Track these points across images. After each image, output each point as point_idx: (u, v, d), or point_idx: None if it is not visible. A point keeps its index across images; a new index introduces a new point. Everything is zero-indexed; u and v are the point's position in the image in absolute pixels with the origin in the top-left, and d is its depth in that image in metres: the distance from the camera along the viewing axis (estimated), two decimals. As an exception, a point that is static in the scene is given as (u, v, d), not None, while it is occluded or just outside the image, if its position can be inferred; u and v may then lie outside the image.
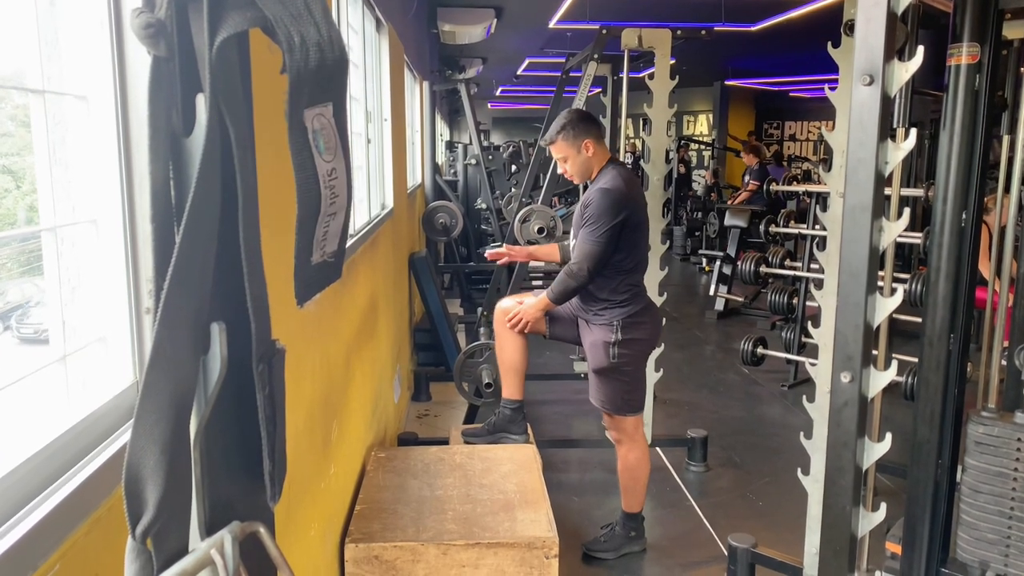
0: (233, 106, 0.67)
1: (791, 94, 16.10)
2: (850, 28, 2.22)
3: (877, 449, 1.76)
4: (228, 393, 0.76)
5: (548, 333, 3.22)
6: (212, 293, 0.71)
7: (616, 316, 2.92)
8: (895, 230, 1.66)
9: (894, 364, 1.81)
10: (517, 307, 3.13)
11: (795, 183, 5.94)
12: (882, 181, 1.64)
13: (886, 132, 1.62)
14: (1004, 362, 2.60)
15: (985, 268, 3.07)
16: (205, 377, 0.74)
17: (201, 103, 0.67)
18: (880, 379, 1.71)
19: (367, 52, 3.97)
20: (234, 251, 0.72)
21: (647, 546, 3.15)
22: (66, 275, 1.08)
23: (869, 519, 1.82)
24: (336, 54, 0.66)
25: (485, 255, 3.56)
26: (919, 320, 3.18)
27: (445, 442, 3.46)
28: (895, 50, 1.59)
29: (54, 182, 1.04)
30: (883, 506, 1.85)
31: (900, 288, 1.85)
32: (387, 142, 4.48)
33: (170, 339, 0.65)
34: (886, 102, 1.58)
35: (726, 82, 15.11)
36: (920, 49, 1.58)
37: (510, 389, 3.31)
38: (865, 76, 1.56)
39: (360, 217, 3.51)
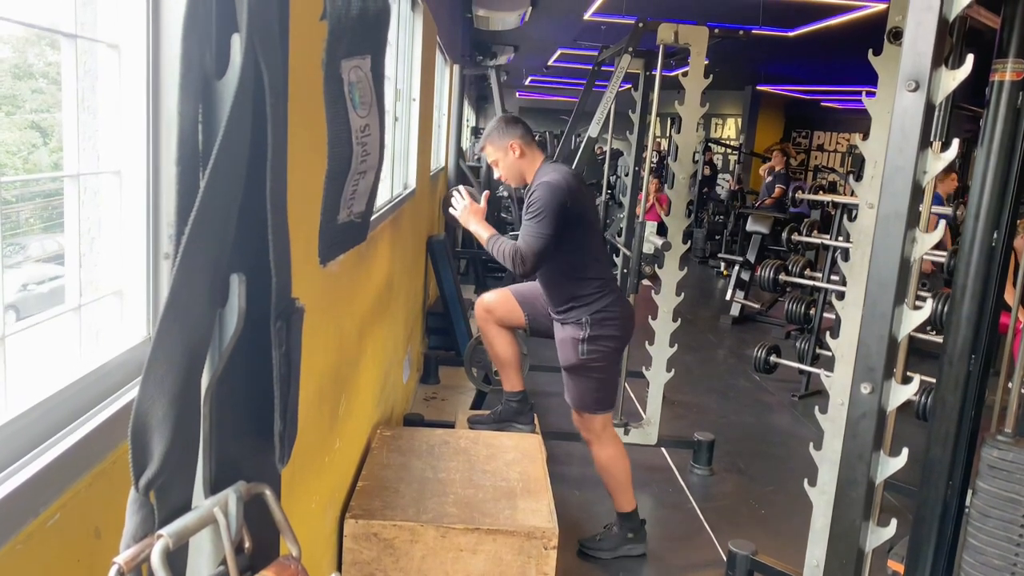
0: (269, 50, 0.65)
1: (822, 103, 15.94)
2: (894, 35, 2.18)
3: (892, 464, 1.72)
4: (243, 348, 0.74)
5: (528, 329, 3.19)
6: (233, 244, 0.68)
7: (585, 313, 2.88)
8: (928, 242, 1.62)
9: (916, 379, 1.77)
10: (464, 206, 3.07)
11: (821, 193, 5.87)
12: (919, 191, 1.60)
13: (927, 141, 1.58)
14: (1023, 389, 2.55)
15: (1009, 294, 3.01)
16: (221, 330, 0.72)
17: (236, 44, 0.64)
18: (901, 393, 1.67)
19: (400, 30, 3.94)
20: (259, 201, 0.69)
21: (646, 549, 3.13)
22: (86, 225, 1.06)
23: (878, 534, 1.79)
24: (379, 4, 0.63)
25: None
26: (936, 340, 3.13)
27: (451, 426, 3.45)
28: (943, 57, 1.55)
29: (81, 130, 1.03)
30: (893, 522, 1.82)
31: (927, 303, 1.81)
32: (414, 122, 4.45)
33: (187, 286, 0.63)
34: (929, 110, 1.54)
35: (757, 87, 14.98)
36: (970, 57, 1.54)
37: (509, 382, 3.30)
38: (911, 82, 1.52)
39: (383, 194, 3.49)
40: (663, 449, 4.05)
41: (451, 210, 3.04)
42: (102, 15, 1.04)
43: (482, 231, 2.98)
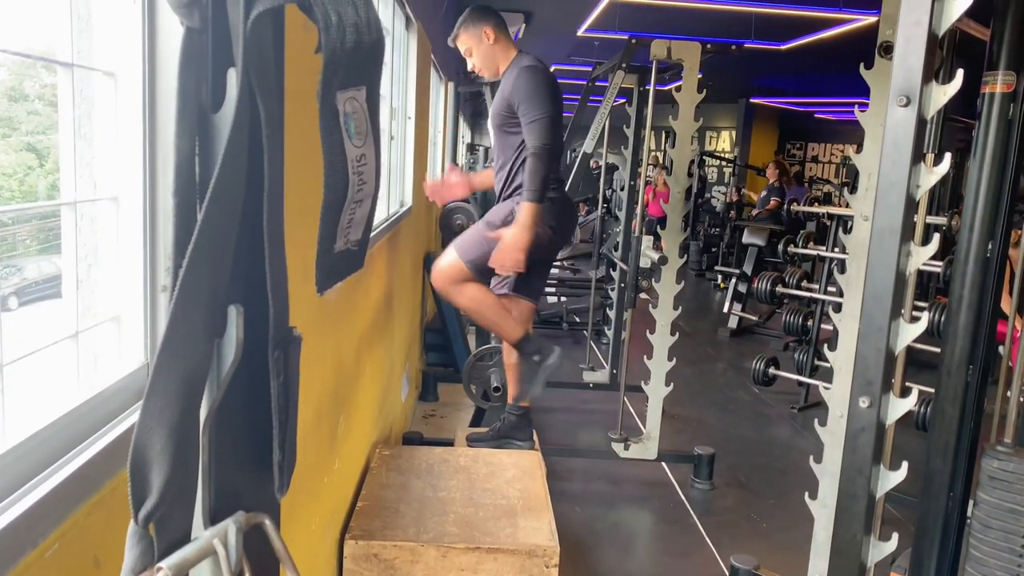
0: (265, 83, 0.65)
1: (816, 115, 16.03)
2: (885, 49, 2.19)
3: (892, 477, 1.72)
4: (241, 379, 0.74)
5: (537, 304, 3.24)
6: (231, 275, 0.69)
7: None
8: (923, 255, 1.63)
9: (914, 392, 1.77)
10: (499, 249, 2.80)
11: (816, 204, 5.90)
12: (912, 205, 1.61)
13: (919, 155, 1.59)
14: (1022, 398, 2.55)
15: (1006, 303, 3.01)
16: (219, 361, 0.72)
17: (232, 78, 0.65)
18: (899, 406, 1.67)
19: (395, 49, 3.96)
20: (256, 233, 0.70)
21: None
22: (83, 252, 1.07)
23: (880, 548, 1.78)
24: (373, 36, 0.64)
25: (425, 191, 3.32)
26: (934, 349, 3.14)
27: (450, 443, 3.44)
28: (934, 71, 1.56)
29: (77, 157, 1.03)
30: (895, 536, 1.81)
31: (924, 315, 1.81)
32: (410, 140, 4.47)
33: (185, 319, 0.63)
34: (921, 124, 1.55)
35: (751, 100, 15.06)
36: (959, 72, 1.55)
37: (511, 333, 3.21)
38: (902, 97, 1.53)
39: (379, 213, 3.50)
40: (663, 464, 4.04)
41: (502, 260, 2.84)
42: (98, 42, 1.04)
43: (526, 216, 2.77)
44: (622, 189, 5.29)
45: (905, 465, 1.75)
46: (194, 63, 0.65)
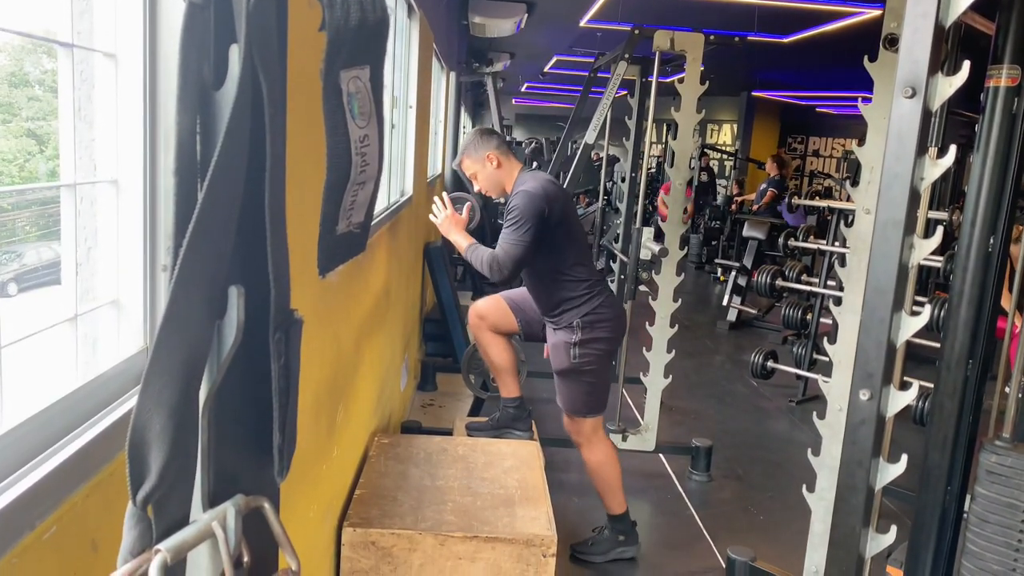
0: (267, 60, 0.64)
1: (817, 109, 15.98)
2: (890, 42, 2.18)
3: (892, 470, 1.72)
4: (241, 361, 0.73)
5: (522, 334, 3.21)
6: (232, 255, 0.68)
7: (576, 316, 2.90)
8: (926, 248, 1.62)
9: (915, 385, 1.77)
10: (445, 216, 3.05)
11: (817, 198, 5.89)
12: (916, 197, 1.60)
13: (924, 147, 1.58)
14: (1021, 393, 2.55)
15: (1006, 299, 3.01)
16: (219, 342, 0.71)
17: (234, 55, 0.64)
18: (900, 399, 1.67)
19: (397, 38, 3.94)
20: (257, 213, 0.69)
21: (641, 553, 3.12)
22: (83, 235, 1.06)
23: (878, 541, 1.79)
24: (378, 14, 0.63)
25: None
26: (932, 344, 3.14)
27: (449, 433, 3.44)
28: (940, 63, 1.55)
29: (77, 139, 1.02)
30: (893, 528, 1.81)
31: (925, 309, 1.81)
32: (411, 129, 4.46)
33: (186, 299, 0.62)
34: (926, 116, 1.54)
35: (753, 93, 15.01)
36: (966, 64, 1.54)
37: (507, 388, 3.31)
38: (907, 88, 1.52)
39: (380, 201, 3.48)
40: (661, 455, 4.04)
41: (432, 218, 3.08)
42: (99, 24, 1.03)
43: (461, 240, 3.01)
44: (623, 181, 5.28)
45: (904, 458, 1.75)
46: (196, 40, 0.64)
